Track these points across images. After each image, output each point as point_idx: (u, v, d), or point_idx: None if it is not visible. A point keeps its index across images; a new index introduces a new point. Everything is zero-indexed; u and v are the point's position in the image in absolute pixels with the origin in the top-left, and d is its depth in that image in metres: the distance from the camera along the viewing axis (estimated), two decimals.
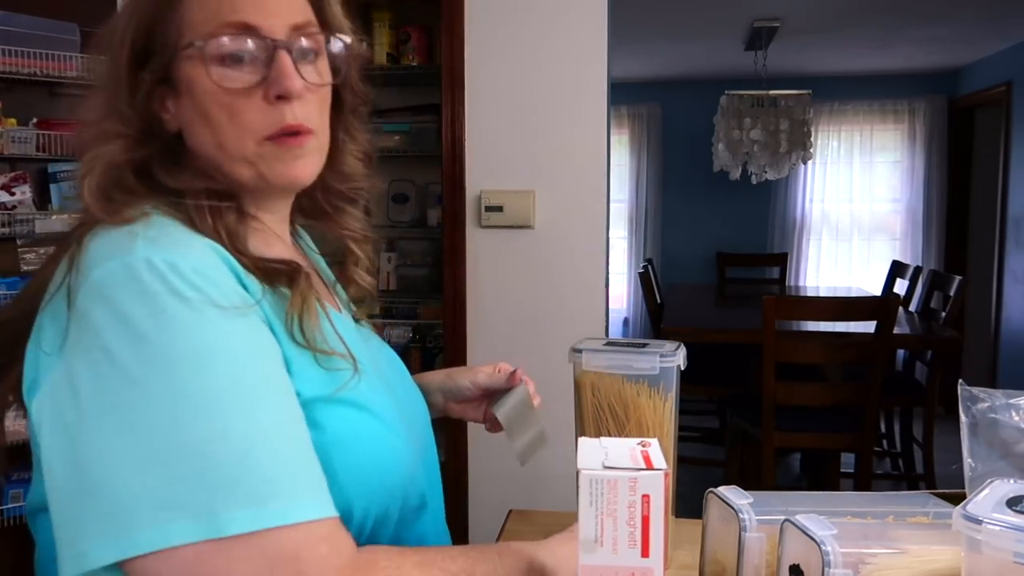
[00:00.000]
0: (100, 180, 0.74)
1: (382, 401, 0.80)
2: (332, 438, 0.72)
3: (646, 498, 0.65)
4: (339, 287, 0.97)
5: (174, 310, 0.65)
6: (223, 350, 0.66)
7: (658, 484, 0.65)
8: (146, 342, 0.63)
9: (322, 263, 0.98)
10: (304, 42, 0.79)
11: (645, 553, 0.65)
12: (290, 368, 0.72)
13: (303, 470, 0.66)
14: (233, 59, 0.75)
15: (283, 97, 0.76)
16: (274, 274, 0.76)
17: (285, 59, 0.76)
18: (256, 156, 0.77)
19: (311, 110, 0.79)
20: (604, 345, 1.07)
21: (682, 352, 1.06)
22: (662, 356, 1.03)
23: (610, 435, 1.02)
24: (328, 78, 0.82)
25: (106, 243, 0.68)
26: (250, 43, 0.75)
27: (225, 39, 0.75)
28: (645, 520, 0.65)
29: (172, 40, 0.76)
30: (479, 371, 1.09)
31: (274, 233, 0.85)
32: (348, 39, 0.84)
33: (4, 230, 2.47)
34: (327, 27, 0.83)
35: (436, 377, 1.12)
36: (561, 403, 1.14)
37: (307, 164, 0.81)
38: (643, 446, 0.71)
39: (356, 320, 0.95)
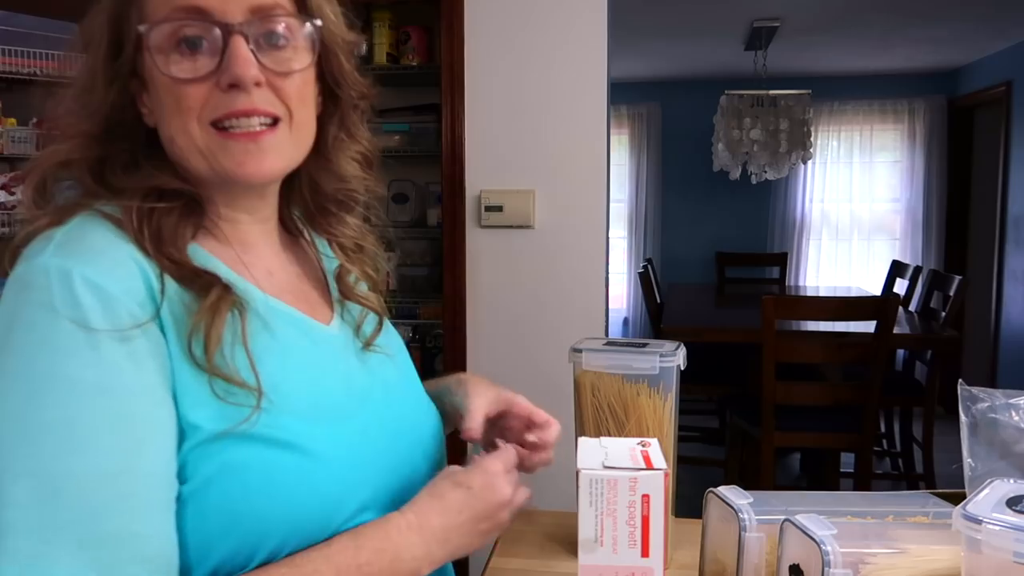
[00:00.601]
0: (41, 180, 0.73)
1: (322, 433, 0.71)
2: (225, 478, 0.66)
3: (646, 498, 0.65)
4: (351, 307, 0.89)
5: (42, 326, 0.62)
6: (68, 380, 0.61)
7: (658, 484, 0.65)
8: (5, 352, 0.62)
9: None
10: (266, 26, 0.72)
11: (645, 553, 0.65)
12: (182, 396, 0.66)
13: (86, 530, 0.59)
14: (187, 46, 0.70)
15: (235, 86, 0.70)
16: (188, 281, 0.70)
17: (239, 44, 0.70)
18: (206, 148, 0.72)
19: (278, 99, 0.73)
20: (604, 345, 1.07)
21: (682, 352, 1.06)
22: (662, 356, 1.03)
23: (610, 435, 1.02)
24: (302, 63, 0.75)
25: (33, 244, 0.67)
26: (201, 29, 0.70)
27: (171, 25, 0.70)
28: (645, 520, 0.65)
29: (135, 29, 0.72)
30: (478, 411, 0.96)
31: (254, 234, 0.80)
32: (320, 22, 0.77)
33: (3, 230, 2.47)
34: (303, 10, 0.76)
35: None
36: (561, 403, 1.14)
37: (267, 160, 0.74)
38: (643, 446, 0.71)
39: (364, 344, 0.86)
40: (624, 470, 0.66)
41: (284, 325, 0.77)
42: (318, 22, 0.77)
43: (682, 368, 1.06)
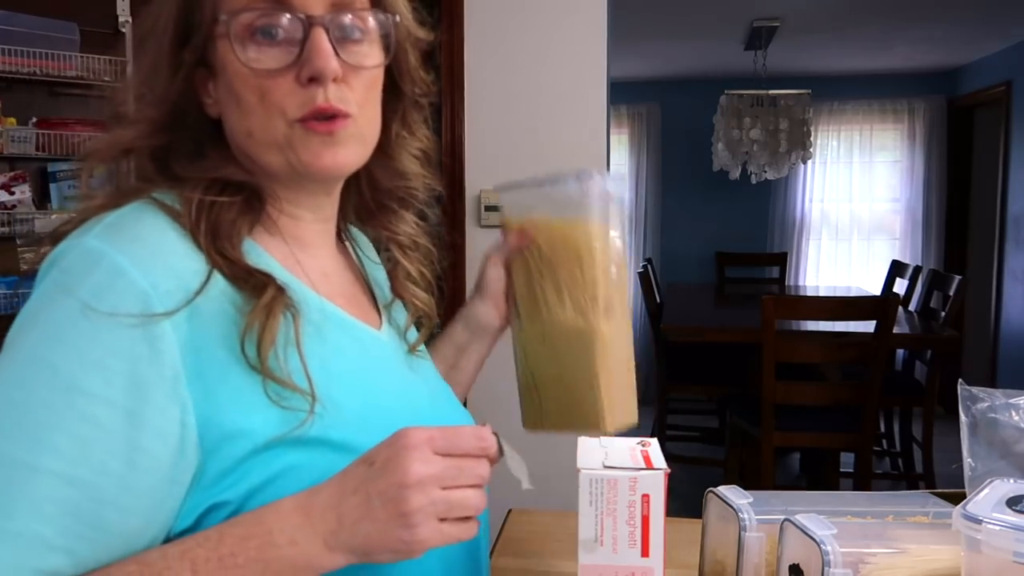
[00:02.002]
0: (99, 165, 0.72)
1: (375, 439, 0.65)
2: (280, 483, 0.64)
3: (646, 497, 0.65)
4: (395, 307, 0.88)
5: (52, 306, 0.62)
6: (49, 367, 0.60)
7: (658, 483, 0.65)
8: (20, 327, 0.62)
9: (380, 276, 0.91)
10: (346, 19, 0.71)
11: (645, 553, 0.65)
12: (231, 400, 0.64)
13: (22, 518, 0.57)
14: (264, 36, 0.69)
15: (315, 79, 0.69)
16: (240, 280, 0.68)
17: (320, 37, 0.69)
18: (286, 141, 0.71)
19: (351, 94, 0.72)
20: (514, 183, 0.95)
21: (605, 175, 0.88)
22: (578, 179, 0.86)
23: (547, 298, 0.89)
24: (375, 60, 0.74)
25: (84, 225, 0.67)
26: (282, 19, 0.69)
27: (251, 14, 0.68)
28: (645, 520, 0.65)
29: (208, 17, 0.70)
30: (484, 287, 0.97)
31: (313, 233, 0.79)
32: (399, 17, 0.76)
33: (3, 229, 2.47)
34: (379, 4, 0.75)
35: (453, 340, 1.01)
36: None
37: (341, 153, 0.72)
38: (643, 446, 0.71)
39: (409, 348, 0.85)
40: (624, 470, 0.66)
41: (336, 329, 0.75)
42: (396, 18, 0.76)
43: (611, 193, 0.88)
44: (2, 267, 2.47)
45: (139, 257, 0.63)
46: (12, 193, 2.49)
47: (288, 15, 0.69)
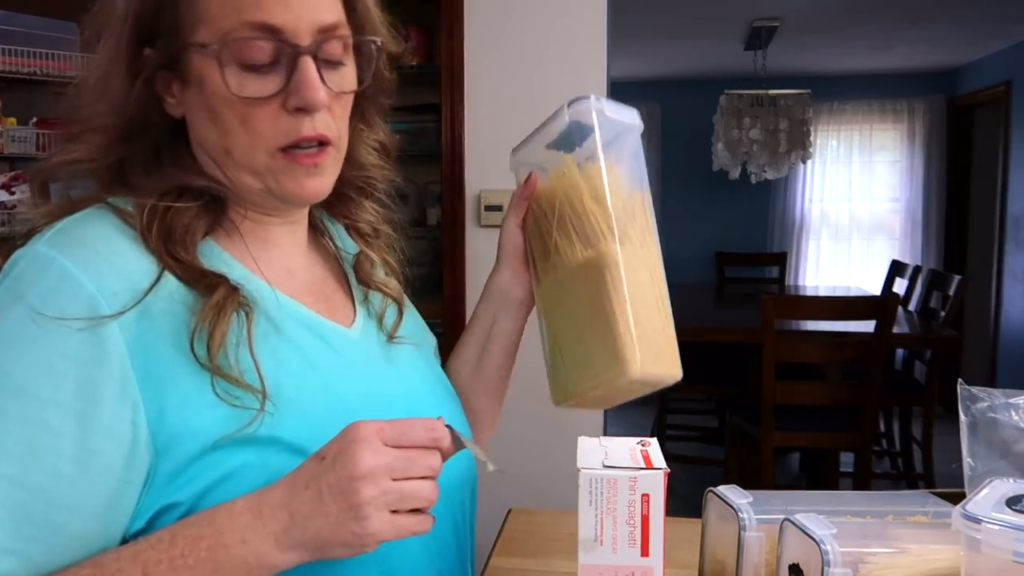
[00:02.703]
0: (49, 178, 0.72)
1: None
2: (228, 485, 0.64)
3: (646, 497, 0.65)
4: (374, 298, 0.87)
5: (6, 311, 0.63)
6: (2, 368, 0.61)
7: (658, 483, 0.65)
8: None
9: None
10: (332, 47, 0.71)
11: (645, 552, 0.65)
12: (180, 400, 0.64)
13: None
14: (252, 64, 0.68)
15: (303, 110, 0.69)
16: (193, 282, 0.68)
17: (308, 67, 0.68)
18: (266, 169, 0.71)
19: (333, 120, 0.72)
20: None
21: (596, 102, 0.82)
22: (569, 106, 0.82)
23: (557, 245, 0.83)
24: (354, 83, 0.75)
25: (40, 232, 0.67)
26: (272, 48, 0.68)
27: (245, 44, 0.67)
28: (645, 519, 0.65)
29: (183, 26, 0.68)
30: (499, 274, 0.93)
31: (278, 233, 0.79)
32: (380, 40, 0.76)
33: (3, 229, 2.47)
34: (358, 27, 0.75)
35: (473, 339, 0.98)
36: (559, 409, 1.14)
37: (323, 181, 0.73)
38: (643, 445, 0.71)
39: (388, 337, 0.85)
40: (624, 469, 0.66)
41: (298, 327, 0.74)
42: (377, 40, 0.76)
43: (607, 116, 0.82)
44: (1, 267, 2.48)
45: (86, 261, 0.64)
46: (12, 193, 2.49)
47: (277, 44, 0.68)
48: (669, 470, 0.68)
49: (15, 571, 0.59)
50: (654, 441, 0.73)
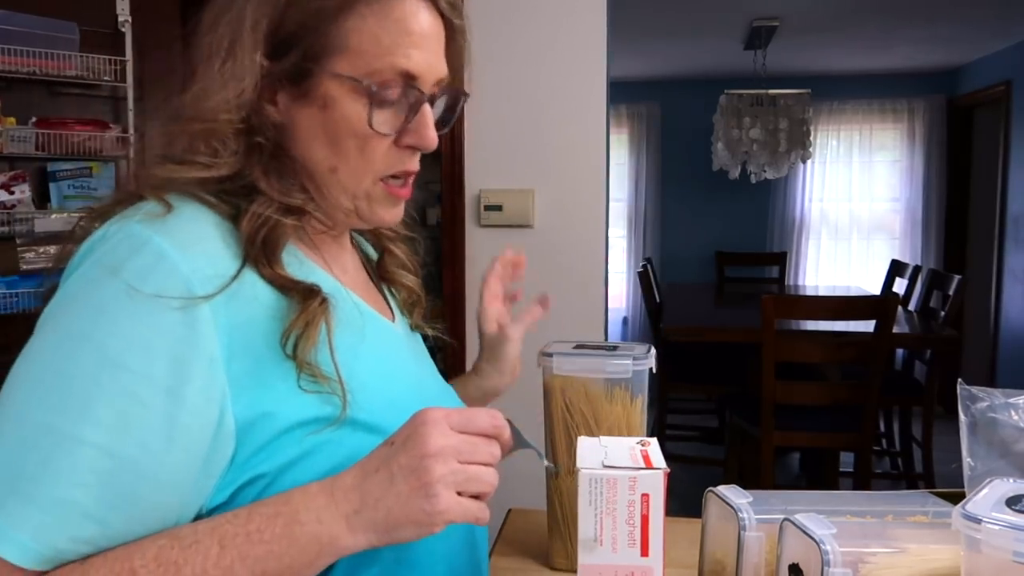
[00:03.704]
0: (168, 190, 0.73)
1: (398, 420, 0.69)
2: (313, 457, 0.68)
3: (645, 497, 0.65)
4: (398, 296, 0.95)
5: (96, 284, 0.64)
6: (92, 343, 0.62)
7: (657, 483, 0.65)
8: (64, 302, 0.65)
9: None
10: (444, 99, 0.81)
11: (644, 552, 0.65)
12: (263, 391, 0.67)
13: (35, 487, 0.60)
14: (387, 101, 0.75)
15: (414, 147, 0.77)
16: (286, 289, 0.72)
17: (428, 113, 0.77)
18: (364, 194, 0.78)
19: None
20: (574, 348, 1.06)
21: (653, 354, 1.05)
22: (635, 359, 1.01)
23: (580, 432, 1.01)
24: (440, 127, 0.82)
25: (132, 208, 0.69)
26: (406, 92, 0.75)
27: (396, 89, 0.74)
28: (644, 519, 0.65)
29: (323, 51, 0.73)
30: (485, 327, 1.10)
31: (333, 237, 0.84)
32: (468, 95, 0.85)
33: (3, 229, 2.47)
34: (459, 83, 0.84)
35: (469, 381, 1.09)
36: None
37: (401, 211, 0.82)
38: (643, 445, 0.71)
39: (412, 329, 0.94)
40: (624, 469, 0.66)
41: (360, 321, 0.80)
42: (467, 96, 0.85)
43: (653, 371, 1.05)
44: (2, 266, 2.47)
45: (181, 243, 0.66)
46: (12, 193, 2.49)
47: (413, 89, 0.75)
48: (669, 470, 0.68)
49: (94, 537, 0.61)
50: (654, 441, 0.74)
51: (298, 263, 0.76)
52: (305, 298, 0.71)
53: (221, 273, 0.68)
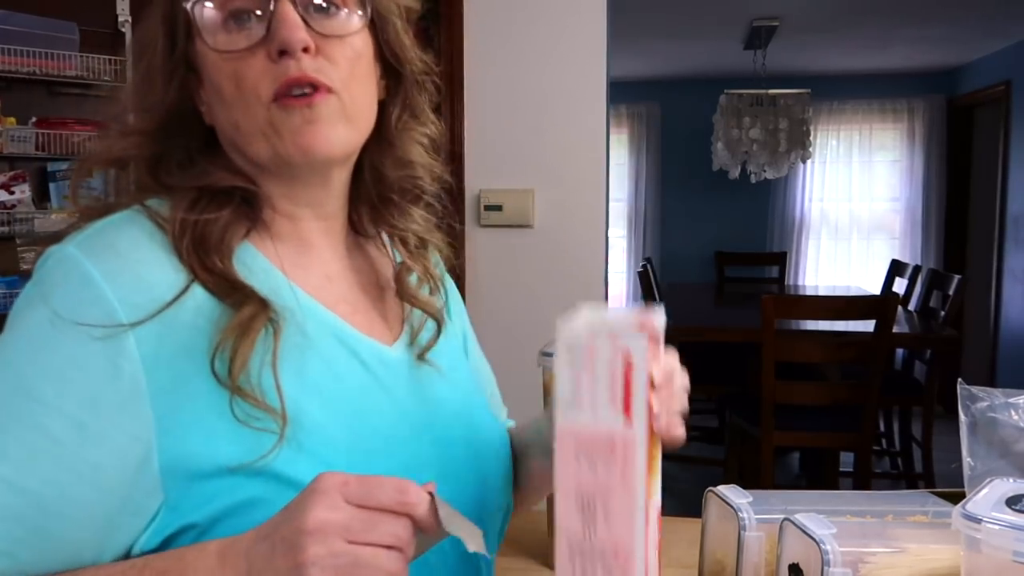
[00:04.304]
0: (87, 174, 0.72)
1: (357, 470, 0.58)
2: (235, 518, 0.61)
3: (628, 359, 0.58)
4: (415, 316, 0.81)
5: (27, 312, 0.63)
6: (13, 372, 0.60)
7: (641, 347, 0.58)
8: (6, 325, 0.63)
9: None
10: None
11: (628, 415, 0.58)
12: (193, 422, 0.61)
13: None
14: (234, 21, 0.67)
15: (285, 52, 0.66)
16: (223, 294, 0.65)
17: (287, 9, 0.66)
18: (268, 124, 0.67)
19: (332, 68, 0.68)
20: None
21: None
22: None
23: None
24: (351, 28, 0.70)
25: (73, 233, 0.67)
26: (259, 4, 0.67)
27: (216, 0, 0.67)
28: (628, 382, 0.58)
29: (182, 15, 0.69)
30: None
31: (315, 233, 0.75)
32: None
33: (3, 229, 2.47)
34: None
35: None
36: None
37: (323, 131, 0.68)
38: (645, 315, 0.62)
39: (420, 353, 0.79)
40: (606, 333, 0.59)
41: (331, 341, 0.71)
42: None
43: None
44: (1, 266, 2.47)
45: (111, 268, 0.62)
46: (12, 193, 2.49)
47: None
48: (659, 334, 0.60)
49: (5, 570, 0.59)
50: (660, 308, 0.63)
51: (253, 264, 0.69)
52: (238, 304, 0.64)
53: (156, 298, 0.62)
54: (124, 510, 0.61)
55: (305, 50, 0.66)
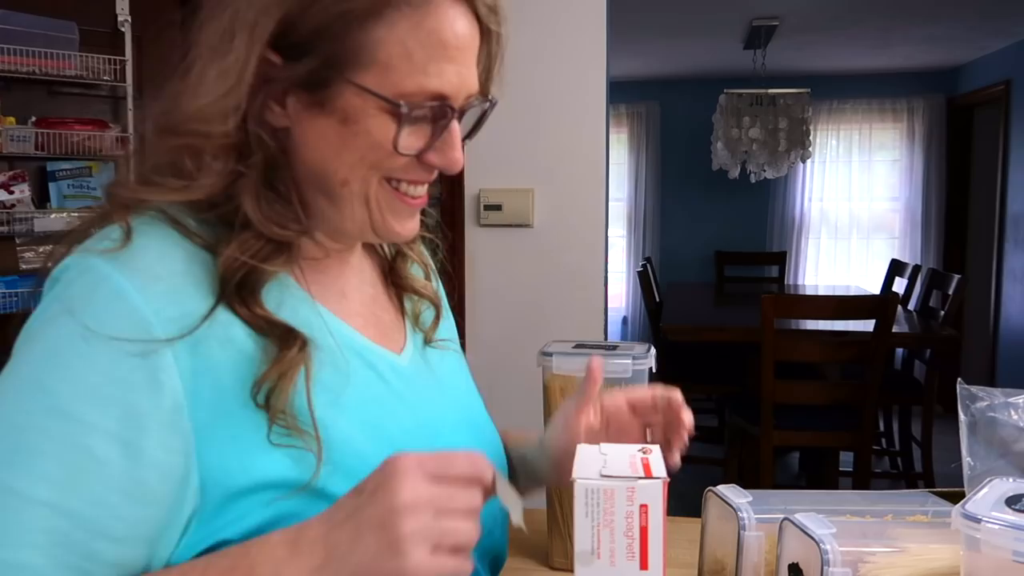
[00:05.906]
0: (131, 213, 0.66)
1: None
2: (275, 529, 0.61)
3: (644, 508, 0.63)
4: (412, 303, 0.85)
5: (53, 325, 0.60)
6: (44, 390, 0.58)
7: (657, 493, 0.63)
8: (23, 340, 0.61)
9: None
10: (470, 109, 0.74)
11: (644, 565, 0.63)
12: (229, 441, 0.62)
13: None
14: (415, 120, 0.68)
15: (437, 167, 0.71)
16: (261, 330, 0.66)
17: (456, 132, 0.70)
18: (375, 198, 0.69)
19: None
20: (574, 348, 1.04)
21: (652, 354, 1.04)
22: (635, 359, 1.01)
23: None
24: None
25: (97, 235, 0.65)
26: (439, 112, 0.69)
27: (426, 111, 0.67)
28: (644, 531, 0.63)
29: (348, 60, 0.65)
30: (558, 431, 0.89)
31: (333, 254, 0.76)
32: (496, 100, 0.79)
33: (3, 228, 2.47)
34: (486, 91, 0.78)
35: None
36: None
37: (416, 224, 0.74)
38: (644, 453, 0.69)
39: (426, 336, 0.84)
40: (621, 479, 0.64)
41: (352, 358, 0.73)
42: (495, 101, 0.78)
43: (653, 371, 1.03)
44: (1, 266, 2.47)
45: (142, 280, 0.61)
46: (11, 192, 2.49)
47: (442, 107, 0.69)
48: (668, 479, 0.66)
49: None
50: (656, 448, 0.71)
51: (280, 293, 0.69)
52: (283, 343, 0.65)
53: (188, 312, 0.62)
54: (169, 525, 0.61)
55: None
